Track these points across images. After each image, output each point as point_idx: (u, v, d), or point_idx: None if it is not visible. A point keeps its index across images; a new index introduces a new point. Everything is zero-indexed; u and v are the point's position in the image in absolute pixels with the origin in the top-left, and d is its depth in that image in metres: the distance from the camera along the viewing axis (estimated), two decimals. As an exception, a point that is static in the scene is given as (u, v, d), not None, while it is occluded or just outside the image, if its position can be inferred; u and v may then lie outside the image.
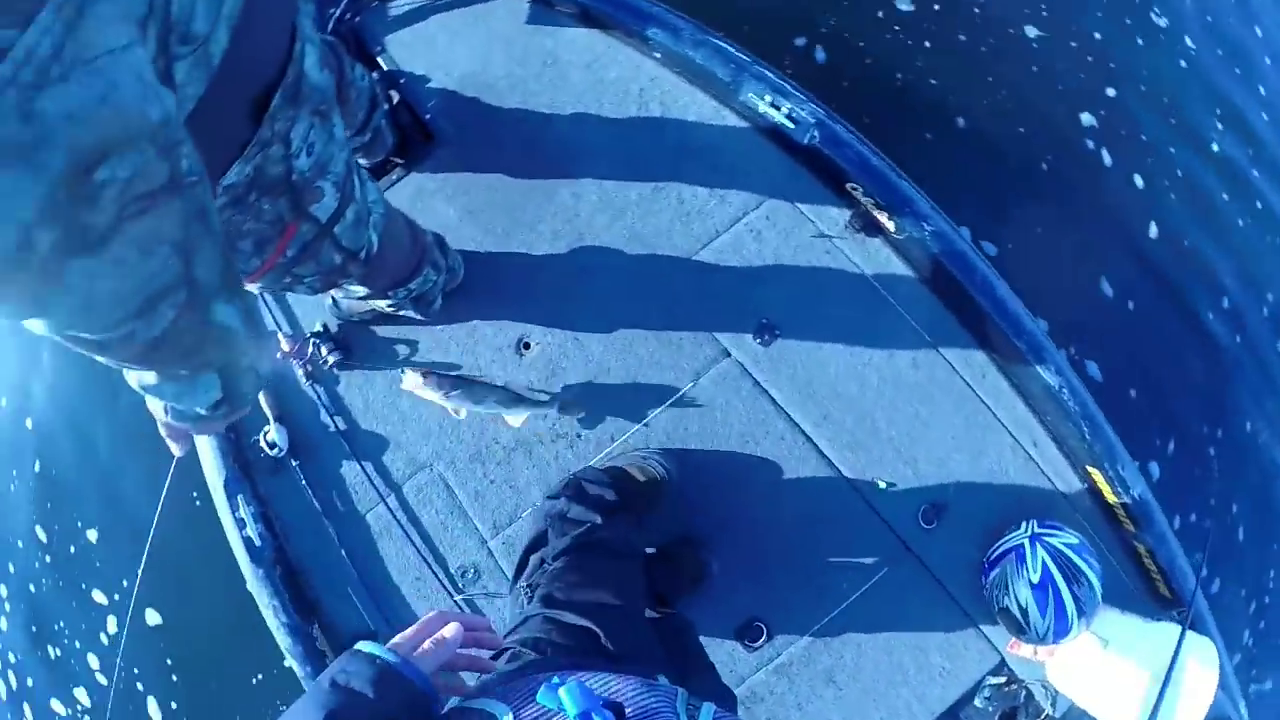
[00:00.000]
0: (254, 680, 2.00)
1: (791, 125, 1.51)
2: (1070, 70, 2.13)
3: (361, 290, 1.35)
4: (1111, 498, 1.47)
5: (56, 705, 2.08)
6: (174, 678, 2.00)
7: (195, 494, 1.58)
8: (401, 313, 1.50)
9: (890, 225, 1.51)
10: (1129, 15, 2.20)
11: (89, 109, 0.38)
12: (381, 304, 1.45)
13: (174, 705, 2.00)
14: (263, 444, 1.55)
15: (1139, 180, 2.10)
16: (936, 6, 2.13)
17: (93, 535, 2.10)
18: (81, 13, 0.38)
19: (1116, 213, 2.07)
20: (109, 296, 0.49)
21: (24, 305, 0.45)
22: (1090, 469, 1.49)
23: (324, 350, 1.56)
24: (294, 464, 1.55)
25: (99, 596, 2.07)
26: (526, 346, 1.57)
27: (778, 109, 1.52)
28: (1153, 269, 2.06)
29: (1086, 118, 2.12)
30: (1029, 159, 2.06)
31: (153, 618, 1.88)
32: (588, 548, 1.10)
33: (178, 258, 0.52)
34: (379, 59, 1.69)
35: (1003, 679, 1.48)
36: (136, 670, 1.96)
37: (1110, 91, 2.14)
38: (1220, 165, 2.16)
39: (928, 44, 2.10)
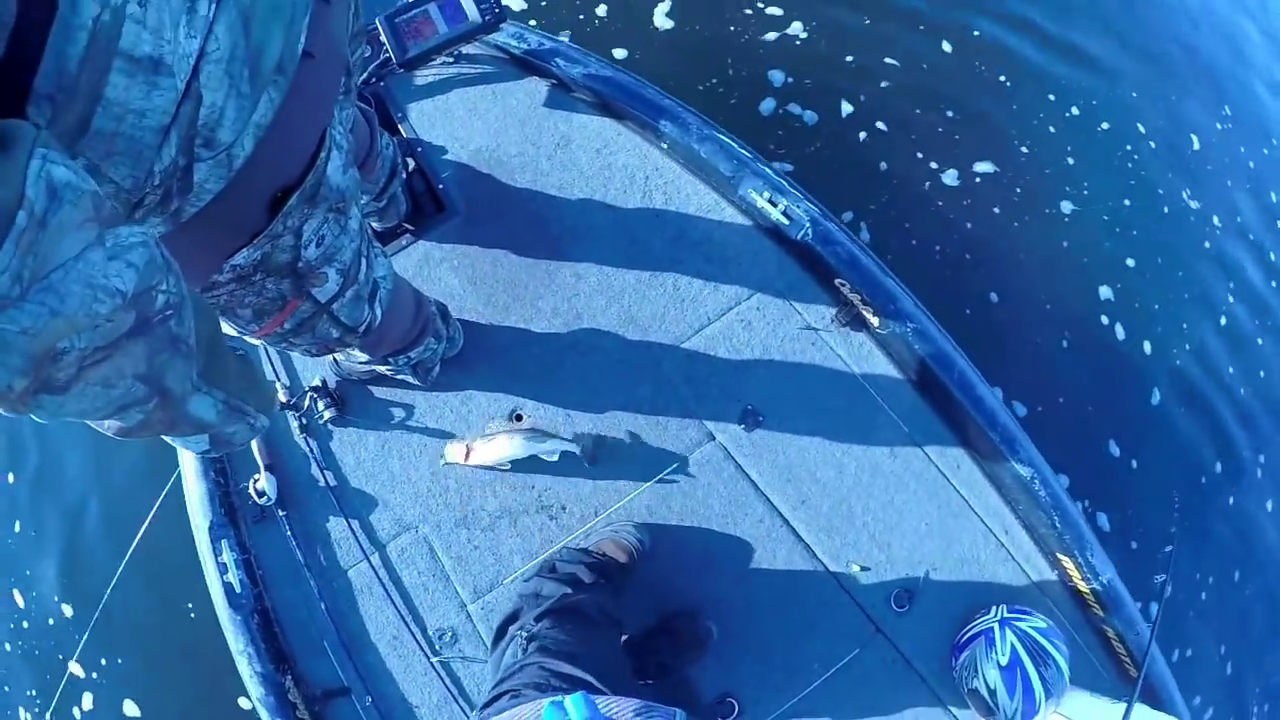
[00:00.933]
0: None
1: (786, 221, 1.59)
2: (1097, 241, 2.31)
3: (363, 356, 1.40)
4: (1081, 584, 1.53)
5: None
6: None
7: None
8: (399, 376, 1.54)
9: (875, 321, 1.59)
10: (1162, 187, 2.36)
11: (40, 324, 0.42)
12: (381, 368, 1.49)
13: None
14: (251, 492, 1.56)
15: (1147, 347, 2.30)
16: (978, 180, 2.28)
17: (68, 610, 2.02)
18: (43, 225, 0.39)
19: (1124, 382, 2.27)
20: (77, 412, 0.52)
21: None
22: (1060, 556, 1.54)
23: (320, 405, 1.59)
24: (281, 514, 1.57)
25: (76, 669, 1.98)
26: (519, 418, 1.61)
27: (775, 205, 1.60)
28: (1151, 433, 2.26)
29: (1105, 290, 2.30)
30: (1052, 333, 2.26)
31: (130, 709, 1.82)
32: (569, 611, 1.15)
33: (143, 384, 0.54)
34: (400, 125, 1.76)
35: (970, 760, 1.51)
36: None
37: (1130, 262, 2.31)
38: (1222, 338, 2.36)
39: (969, 225, 2.25)
